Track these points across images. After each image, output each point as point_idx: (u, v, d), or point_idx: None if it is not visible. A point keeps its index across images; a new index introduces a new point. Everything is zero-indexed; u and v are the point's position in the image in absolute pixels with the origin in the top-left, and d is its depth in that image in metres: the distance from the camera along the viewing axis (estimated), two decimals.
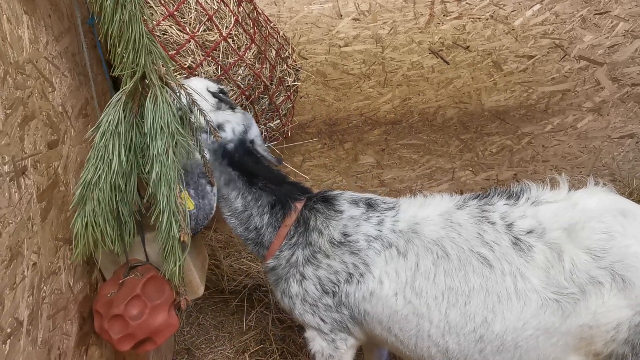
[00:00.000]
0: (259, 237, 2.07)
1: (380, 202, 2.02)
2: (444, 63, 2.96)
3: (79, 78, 1.87)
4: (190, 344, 2.96)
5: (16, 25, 1.45)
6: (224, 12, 2.03)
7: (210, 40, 2.01)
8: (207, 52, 2.00)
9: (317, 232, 1.98)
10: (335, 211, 2.01)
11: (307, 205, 2.05)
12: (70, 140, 1.75)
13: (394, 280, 1.87)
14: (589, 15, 2.88)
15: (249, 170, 1.99)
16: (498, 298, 1.74)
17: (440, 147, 3.25)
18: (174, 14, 1.94)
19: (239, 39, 2.09)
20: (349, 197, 2.06)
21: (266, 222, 2.04)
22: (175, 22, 1.96)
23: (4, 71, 1.35)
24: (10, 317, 1.32)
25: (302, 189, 2.12)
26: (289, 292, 2.04)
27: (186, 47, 1.99)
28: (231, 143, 1.95)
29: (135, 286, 1.76)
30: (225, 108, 1.97)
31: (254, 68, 2.15)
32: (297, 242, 2.01)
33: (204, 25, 1.99)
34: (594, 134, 3.27)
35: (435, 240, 1.85)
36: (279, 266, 2.05)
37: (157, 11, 1.94)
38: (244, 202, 2.02)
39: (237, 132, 1.96)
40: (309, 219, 2.02)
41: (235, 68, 2.08)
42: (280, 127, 2.48)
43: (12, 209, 1.35)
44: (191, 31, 1.97)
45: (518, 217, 1.79)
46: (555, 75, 3.05)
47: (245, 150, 1.98)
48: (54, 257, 1.58)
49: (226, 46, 2.04)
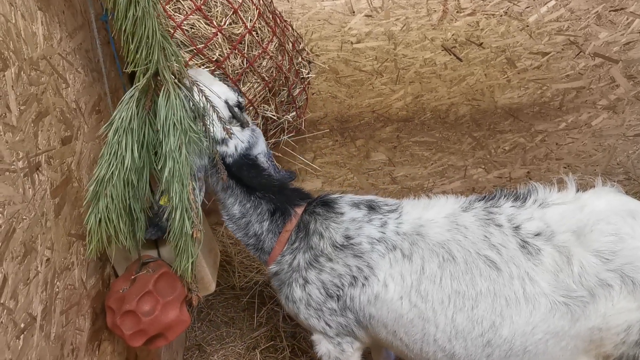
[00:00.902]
0: (259, 243, 2.05)
1: (382, 204, 2.00)
2: (457, 60, 2.94)
3: (93, 74, 1.87)
4: (201, 340, 2.97)
5: (30, 22, 1.46)
6: (248, 5, 2.05)
7: (236, 33, 2.03)
8: (233, 45, 2.01)
9: (318, 235, 1.96)
10: (335, 214, 1.98)
11: (307, 210, 2.03)
12: (84, 136, 1.76)
13: (399, 284, 1.84)
14: (605, 11, 2.85)
15: (246, 182, 1.96)
16: (506, 302, 1.72)
17: (453, 145, 3.24)
18: (201, 7, 1.96)
19: (262, 32, 2.11)
20: (349, 199, 2.03)
21: (266, 229, 2.02)
22: (203, 15, 1.97)
23: (18, 67, 1.36)
24: (24, 313, 1.32)
25: (302, 194, 2.10)
26: (292, 297, 2.02)
27: (213, 41, 2.00)
28: (230, 157, 1.91)
29: (148, 282, 1.77)
30: (235, 124, 1.95)
31: (277, 60, 2.17)
32: (298, 247, 1.99)
33: (230, 18, 2.01)
34: (608, 131, 3.24)
35: (440, 243, 1.83)
36: (281, 271, 2.04)
37: (184, 5, 1.96)
38: (242, 209, 2.00)
39: (239, 149, 1.92)
40: (309, 223, 1.99)
41: (260, 60, 2.10)
42: (296, 118, 2.49)
43: (27, 204, 1.36)
44: (218, 24, 1.98)
45: (525, 219, 1.77)
46: (569, 72, 3.02)
47: (246, 164, 1.95)
48: (67, 252, 1.59)
49: (251, 39, 2.06)
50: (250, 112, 2.19)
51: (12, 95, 1.32)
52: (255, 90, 2.14)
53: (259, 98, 2.18)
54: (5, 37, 1.31)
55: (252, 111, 2.19)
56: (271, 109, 2.26)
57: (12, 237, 1.28)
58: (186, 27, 1.96)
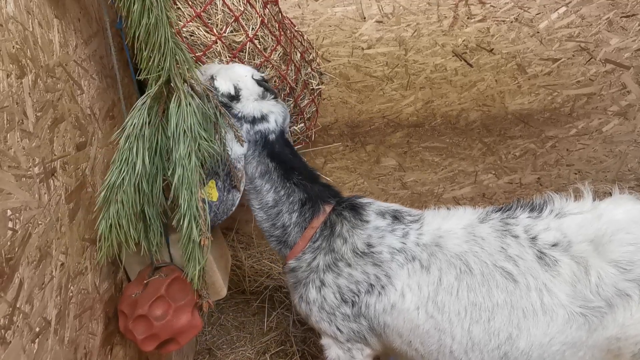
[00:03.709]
0: (285, 235, 2.03)
1: (406, 215, 1.99)
2: (468, 66, 2.94)
3: (107, 80, 1.89)
4: (212, 344, 2.98)
5: (47, 30, 1.48)
6: (250, 13, 2.04)
7: (237, 42, 2.02)
8: (233, 53, 2.01)
9: (342, 239, 1.96)
10: (362, 221, 1.97)
11: (335, 210, 2.02)
12: (98, 142, 1.78)
13: (416, 294, 1.84)
14: (616, 18, 2.84)
15: (287, 162, 1.97)
16: (523, 314, 1.71)
17: (463, 150, 3.23)
18: (201, 14, 1.96)
19: (265, 41, 2.10)
20: (377, 207, 2.02)
21: (294, 221, 2.00)
22: (203, 23, 1.97)
23: (35, 75, 1.38)
24: (39, 317, 1.34)
25: (334, 192, 2.08)
26: (306, 298, 2.02)
27: (213, 49, 2.00)
28: (273, 134, 1.93)
29: (160, 287, 1.79)
30: (270, 98, 1.97)
31: (280, 69, 2.16)
32: (320, 247, 1.98)
33: (231, 26, 2.00)
34: (619, 138, 3.22)
35: (458, 254, 1.82)
36: (299, 268, 2.03)
37: (184, 12, 1.96)
38: (276, 197, 1.98)
39: (279, 123, 1.95)
40: (335, 224, 1.99)
41: (262, 69, 2.08)
42: (304, 130, 2.48)
43: (42, 210, 1.38)
44: (218, 32, 1.98)
45: (542, 230, 1.76)
46: (580, 78, 3.02)
47: (285, 142, 1.98)
48: (81, 257, 1.61)
49: (252, 47, 2.05)
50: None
51: (29, 102, 1.35)
52: None
53: None
54: (22, 45, 1.33)
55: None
56: None
57: (28, 242, 1.30)
58: (185, 34, 1.96)
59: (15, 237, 1.25)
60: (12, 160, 1.25)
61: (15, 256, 1.24)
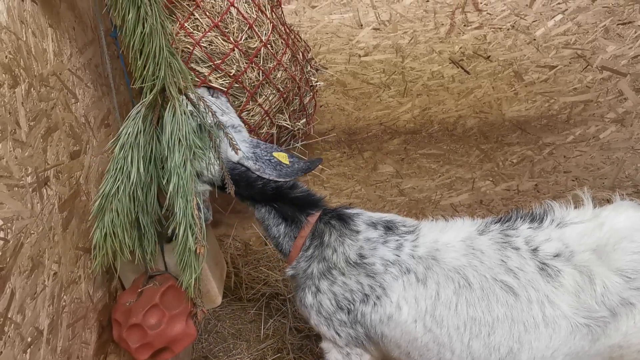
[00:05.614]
0: (279, 245, 2.06)
1: (400, 225, 1.97)
2: (465, 73, 2.94)
3: (102, 89, 1.89)
4: (208, 351, 2.97)
5: (41, 39, 1.48)
6: (262, 19, 2.08)
7: (252, 48, 2.06)
8: (250, 59, 2.05)
9: (331, 249, 1.95)
10: (350, 230, 1.96)
11: (322, 219, 2.01)
12: (92, 151, 1.78)
13: (414, 307, 1.82)
14: (612, 25, 2.85)
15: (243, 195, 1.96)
16: (525, 327, 1.70)
17: (460, 157, 3.23)
18: (219, 24, 1.99)
19: (276, 45, 2.15)
20: (367, 218, 2.00)
21: (283, 232, 2.02)
22: (220, 32, 2.01)
23: (28, 84, 1.38)
24: (31, 327, 1.34)
25: (313, 202, 2.03)
26: (304, 302, 2.03)
27: (231, 56, 2.03)
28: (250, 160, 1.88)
29: (154, 295, 1.78)
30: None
31: (290, 71, 2.21)
32: (313, 255, 1.98)
33: (246, 33, 2.04)
34: (617, 145, 3.22)
35: (456, 268, 1.80)
36: (297, 275, 2.04)
37: (202, 23, 1.99)
38: (258, 214, 2.01)
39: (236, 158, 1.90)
40: (323, 234, 1.98)
41: (275, 72, 2.13)
42: (306, 125, 2.51)
43: (34, 219, 1.38)
44: (234, 40, 2.01)
45: (543, 240, 1.74)
46: (577, 85, 3.02)
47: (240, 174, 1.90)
48: (74, 266, 1.61)
49: (266, 52, 2.09)
50: (267, 122, 2.21)
51: (22, 111, 1.34)
52: (271, 101, 2.17)
53: (275, 108, 2.21)
54: (15, 55, 1.33)
55: (268, 121, 2.21)
56: (285, 118, 2.30)
57: (19, 252, 1.30)
58: (205, 44, 2.00)
59: (6, 247, 1.24)
60: (4, 170, 1.25)
61: (6, 266, 1.24)
